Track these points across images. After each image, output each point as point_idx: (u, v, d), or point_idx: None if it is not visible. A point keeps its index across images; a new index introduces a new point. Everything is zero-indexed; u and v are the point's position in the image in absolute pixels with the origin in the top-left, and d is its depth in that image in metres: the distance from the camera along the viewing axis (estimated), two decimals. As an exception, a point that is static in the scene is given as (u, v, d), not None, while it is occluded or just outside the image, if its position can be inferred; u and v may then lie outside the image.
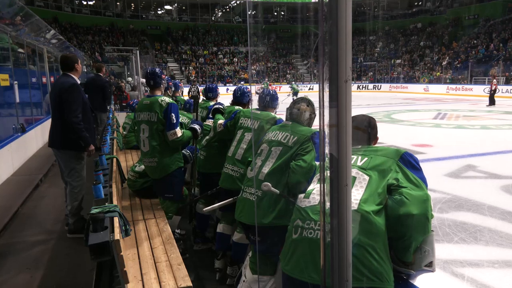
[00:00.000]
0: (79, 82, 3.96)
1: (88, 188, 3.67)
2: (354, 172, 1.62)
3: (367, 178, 1.60)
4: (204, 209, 2.95)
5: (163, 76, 3.55)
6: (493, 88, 18.35)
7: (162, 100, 3.32)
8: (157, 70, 3.55)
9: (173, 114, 3.27)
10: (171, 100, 3.38)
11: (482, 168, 6.48)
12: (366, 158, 1.69)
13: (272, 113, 3.07)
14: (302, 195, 1.72)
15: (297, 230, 1.62)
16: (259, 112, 3.06)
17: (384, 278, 1.47)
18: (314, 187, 1.73)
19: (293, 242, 1.62)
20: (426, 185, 1.63)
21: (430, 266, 1.62)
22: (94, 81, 7.36)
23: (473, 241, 3.79)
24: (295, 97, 24.64)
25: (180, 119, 3.43)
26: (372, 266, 1.45)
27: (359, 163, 1.67)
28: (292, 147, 2.28)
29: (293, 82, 30.53)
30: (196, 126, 3.52)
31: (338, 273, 1.24)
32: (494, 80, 18.92)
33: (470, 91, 25.52)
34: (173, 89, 5.39)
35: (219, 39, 39.80)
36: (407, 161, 1.66)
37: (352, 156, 1.65)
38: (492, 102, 18.26)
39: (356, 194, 1.56)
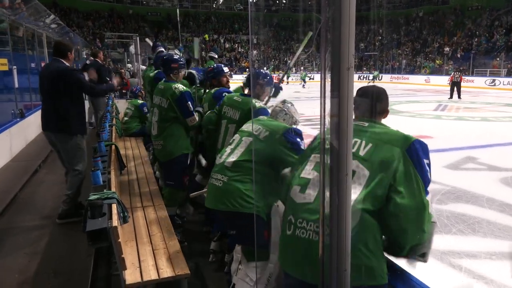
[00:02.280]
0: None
1: (86, 174, 3.66)
2: (354, 165, 1.44)
3: (367, 174, 1.45)
4: (191, 194, 2.93)
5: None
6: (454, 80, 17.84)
7: (175, 88, 3.38)
8: (174, 56, 3.60)
9: (189, 103, 3.35)
10: (184, 89, 3.41)
11: (482, 160, 6.47)
12: (370, 145, 1.50)
13: (258, 101, 2.96)
14: (297, 188, 1.58)
15: (290, 226, 1.54)
16: (240, 99, 2.98)
17: (375, 274, 1.43)
18: (309, 178, 1.57)
19: (287, 238, 1.56)
20: (428, 183, 1.51)
21: (423, 257, 1.57)
22: (91, 66, 7.31)
23: (471, 232, 3.80)
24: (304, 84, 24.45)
25: None
26: (362, 263, 1.39)
27: (361, 153, 1.49)
28: (262, 142, 2.22)
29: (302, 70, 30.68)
30: (200, 109, 3.54)
31: (336, 263, 1.24)
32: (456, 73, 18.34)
33: (471, 83, 25.38)
34: None
35: (220, 27, 39.47)
36: (415, 153, 1.48)
37: (355, 140, 1.51)
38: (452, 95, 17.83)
39: (353, 194, 1.43)
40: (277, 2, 43.49)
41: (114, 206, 2.16)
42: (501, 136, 8.86)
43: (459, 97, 17.66)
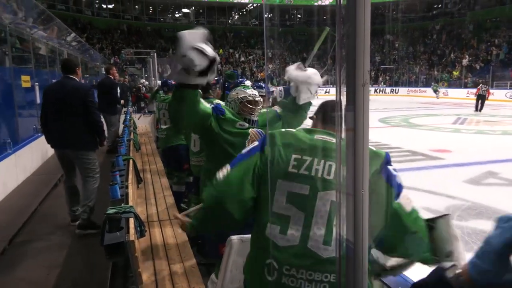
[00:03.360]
0: None
1: (104, 188, 3.72)
2: (335, 196, 1.26)
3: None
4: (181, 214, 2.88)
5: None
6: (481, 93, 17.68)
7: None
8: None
9: None
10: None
11: (503, 175, 6.31)
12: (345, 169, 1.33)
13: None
14: (276, 228, 1.32)
15: (273, 272, 1.31)
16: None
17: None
18: (288, 215, 1.33)
19: (269, 285, 1.33)
20: (400, 193, 1.36)
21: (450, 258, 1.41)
22: (103, 83, 7.56)
23: (493, 249, 3.68)
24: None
25: None
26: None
27: (339, 177, 1.30)
28: None
29: None
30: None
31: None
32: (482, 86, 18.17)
33: (491, 96, 24.92)
34: None
35: (236, 41, 40.05)
36: (385, 169, 1.35)
37: (330, 164, 1.34)
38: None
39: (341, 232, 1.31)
40: (292, 17, 43.94)
41: (131, 220, 2.19)
42: (523, 149, 8.65)
43: (480, 110, 17.43)
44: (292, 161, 1.35)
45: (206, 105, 2.39)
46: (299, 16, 43.95)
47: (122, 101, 8.77)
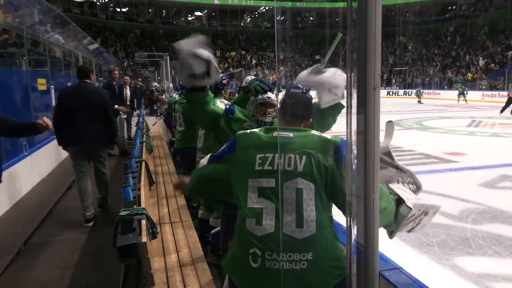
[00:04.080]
0: None
1: (117, 190, 3.77)
2: (299, 183, 1.45)
3: (313, 186, 1.45)
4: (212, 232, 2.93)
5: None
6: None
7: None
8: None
9: None
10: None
11: (519, 179, 6.20)
12: (304, 158, 1.48)
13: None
14: (252, 220, 1.48)
15: (257, 259, 1.45)
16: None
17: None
18: (260, 207, 1.48)
19: (256, 272, 1.46)
20: None
21: (390, 234, 1.65)
22: (105, 85, 7.93)
23: (508, 254, 3.61)
24: None
25: None
26: (341, 257, 1.46)
27: (299, 169, 1.46)
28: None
29: None
30: None
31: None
32: None
33: (506, 98, 24.49)
34: None
35: (248, 44, 40.18)
36: (341, 153, 1.49)
37: (290, 155, 1.49)
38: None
39: (310, 212, 1.44)
40: (305, 19, 43.89)
41: (143, 222, 2.21)
42: (540, 153, 8.47)
43: (501, 111, 17.28)
44: (257, 160, 1.53)
45: (218, 105, 2.45)
46: (311, 18, 43.87)
47: (129, 104, 8.96)
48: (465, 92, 25.41)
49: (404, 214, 1.55)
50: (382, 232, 1.60)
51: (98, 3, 35.94)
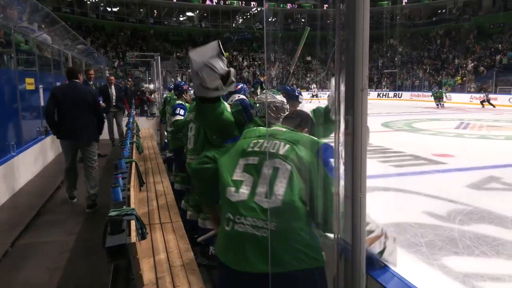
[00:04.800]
0: None
1: (106, 190, 3.75)
2: (277, 162, 1.61)
3: (289, 168, 1.59)
4: (198, 239, 2.88)
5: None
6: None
7: None
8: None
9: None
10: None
11: (506, 180, 6.28)
12: (288, 146, 1.67)
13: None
14: (232, 189, 1.65)
15: (229, 223, 1.61)
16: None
17: (318, 255, 1.55)
18: (242, 180, 1.66)
19: (227, 233, 1.62)
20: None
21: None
22: (100, 90, 8.37)
23: (495, 254, 3.67)
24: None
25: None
26: (306, 243, 1.51)
27: (281, 152, 1.65)
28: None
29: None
30: None
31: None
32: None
33: (494, 101, 24.89)
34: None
35: (240, 45, 40.20)
36: (322, 154, 1.64)
37: (275, 142, 1.69)
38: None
39: (280, 188, 1.56)
40: (296, 21, 44.05)
41: (132, 223, 2.20)
42: (526, 155, 8.62)
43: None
44: (250, 144, 1.75)
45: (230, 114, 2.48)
46: (303, 20, 44.04)
47: (114, 104, 8.85)
48: (443, 96, 25.15)
49: None
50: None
51: (88, 2, 35.64)
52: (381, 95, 33.77)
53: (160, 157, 5.91)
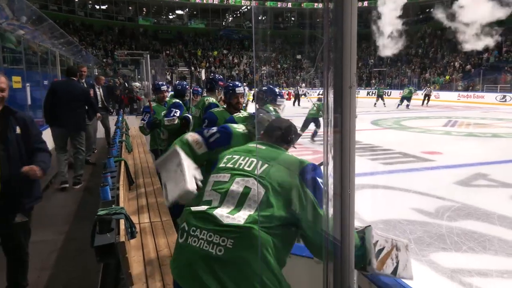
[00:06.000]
0: None
1: (96, 189, 3.72)
2: (250, 182, 1.47)
3: (262, 191, 1.44)
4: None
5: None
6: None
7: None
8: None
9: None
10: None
11: (493, 177, 6.39)
12: (266, 165, 1.52)
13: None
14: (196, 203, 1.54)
15: (183, 234, 1.47)
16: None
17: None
18: (211, 199, 1.52)
19: (180, 246, 1.48)
20: (322, 205, 1.45)
21: (369, 264, 1.45)
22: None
23: (482, 250, 3.73)
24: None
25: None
26: (266, 283, 1.34)
27: (256, 171, 1.50)
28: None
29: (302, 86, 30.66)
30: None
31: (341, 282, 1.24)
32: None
33: (481, 99, 25.26)
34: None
35: (230, 43, 40.11)
36: (308, 175, 1.48)
37: (252, 159, 1.56)
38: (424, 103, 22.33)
39: (247, 210, 1.41)
40: (286, 19, 44.09)
41: (122, 222, 2.19)
42: (512, 152, 8.77)
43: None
44: (224, 159, 1.64)
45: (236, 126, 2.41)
46: (292, 18, 44.10)
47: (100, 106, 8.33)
48: (412, 95, 22.52)
49: (369, 235, 1.47)
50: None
51: (76, 0, 35.20)
52: (370, 93, 33.97)
53: (150, 156, 5.87)
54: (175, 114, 4.21)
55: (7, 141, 2.51)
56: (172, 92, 5.53)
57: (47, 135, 7.89)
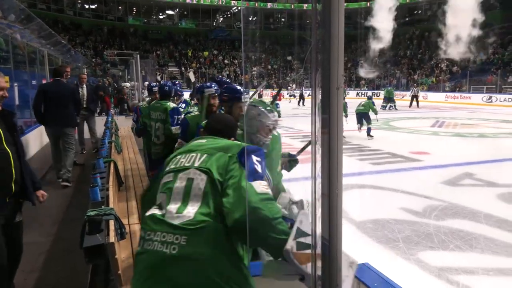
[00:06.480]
0: None
1: (85, 190, 3.70)
2: (191, 173, 1.46)
3: (204, 177, 1.44)
4: None
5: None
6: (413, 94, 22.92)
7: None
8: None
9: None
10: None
11: (479, 176, 6.50)
12: (205, 156, 1.52)
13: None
14: (152, 209, 1.52)
15: (140, 242, 1.45)
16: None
17: (247, 285, 1.38)
18: (160, 201, 1.52)
19: (136, 255, 1.46)
20: (261, 178, 1.45)
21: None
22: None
23: (468, 248, 3.80)
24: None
25: None
26: (231, 277, 1.33)
27: (196, 164, 1.49)
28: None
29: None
30: None
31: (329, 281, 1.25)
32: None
33: (468, 99, 25.63)
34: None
35: (221, 44, 40.05)
36: (244, 155, 1.46)
37: (192, 154, 1.55)
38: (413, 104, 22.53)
39: (194, 202, 1.40)
40: (277, 20, 44.18)
41: (111, 222, 2.18)
42: (499, 152, 8.92)
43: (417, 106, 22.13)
44: (170, 162, 1.60)
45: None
46: (283, 19, 44.20)
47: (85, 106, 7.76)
48: (392, 95, 22.07)
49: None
50: (352, 230, 1.65)
51: (65, -1, 34.84)
52: (359, 94, 34.21)
53: (140, 156, 5.84)
54: (179, 121, 3.95)
55: (14, 141, 2.51)
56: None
57: (36, 135, 7.81)
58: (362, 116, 10.83)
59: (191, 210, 1.38)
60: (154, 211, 1.48)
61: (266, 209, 1.35)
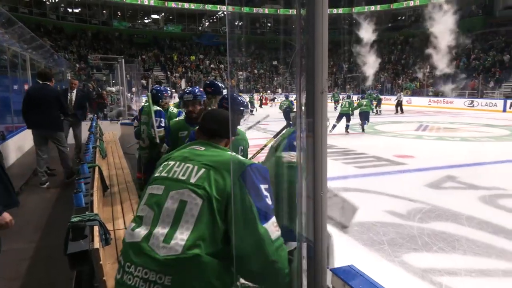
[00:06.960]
0: None
1: (69, 196, 3.64)
2: (185, 194, 1.31)
3: (199, 203, 1.28)
4: None
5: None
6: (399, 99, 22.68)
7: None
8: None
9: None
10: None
11: (462, 179, 6.62)
12: (202, 171, 1.36)
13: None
14: (132, 224, 1.39)
15: (120, 270, 1.33)
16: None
17: None
18: (143, 214, 1.38)
19: (116, 284, 1.35)
20: (268, 208, 1.33)
21: None
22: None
23: (451, 250, 3.86)
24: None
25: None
26: None
27: (192, 180, 1.33)
28: None
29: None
30: None
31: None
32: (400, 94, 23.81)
33: (451, 104, 26.14)
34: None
35: (207, 48, 40.02)
36: (249, 179, 1.33)
37: (188, 165, 1.40)
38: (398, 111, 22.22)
39: (184, 230, 1.26)
40: (263, 25, 44.41)
41: (96, 228, 2.16)
42: (480, 155, 9.11)
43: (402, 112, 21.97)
44: (160, 167, 1.47)
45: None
46: (269, 24, 44.45)
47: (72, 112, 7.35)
48: (339, 98, 23.60)
49: None
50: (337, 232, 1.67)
51: (48, 3, 34.35)
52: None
53: (125, 161, 5.79)
54: (160, 124, 3.98)
55: None
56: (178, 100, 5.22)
57: (18, 140, 7.66)
58: (345, 115, 12.61)
59: (180, 241, 1.24)
60: (138, 229, 1.34)
61: (280, 260, 1.30)
